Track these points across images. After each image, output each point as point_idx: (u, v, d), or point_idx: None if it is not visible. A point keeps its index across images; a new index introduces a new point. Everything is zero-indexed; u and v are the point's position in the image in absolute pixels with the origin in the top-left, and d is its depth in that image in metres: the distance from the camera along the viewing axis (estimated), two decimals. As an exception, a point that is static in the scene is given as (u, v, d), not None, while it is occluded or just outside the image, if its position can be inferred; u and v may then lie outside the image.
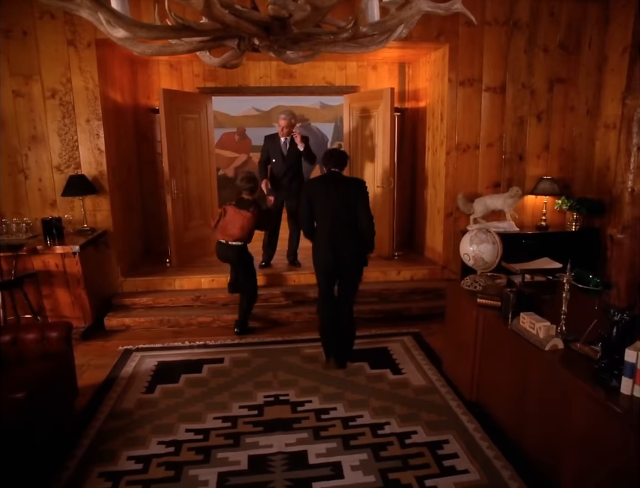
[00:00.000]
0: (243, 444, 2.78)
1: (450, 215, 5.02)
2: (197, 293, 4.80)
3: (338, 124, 8.32)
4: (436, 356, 3.83)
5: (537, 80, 4.84)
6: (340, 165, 3.66)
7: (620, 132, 4.31)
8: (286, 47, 1.73)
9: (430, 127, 5.35)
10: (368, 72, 5.88)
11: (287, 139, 5.05)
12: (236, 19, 1.42)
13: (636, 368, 1.91)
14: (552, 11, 4.71)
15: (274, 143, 5.09)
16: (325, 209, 3.55)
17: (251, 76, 5.72)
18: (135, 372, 3.66)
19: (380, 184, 5.41)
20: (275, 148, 5.07)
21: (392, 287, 4.91)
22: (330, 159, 3.66)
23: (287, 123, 4.98)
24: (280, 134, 5.04)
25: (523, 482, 2.42)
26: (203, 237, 5.74)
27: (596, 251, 4.75)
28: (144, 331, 4.45)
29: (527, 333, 2.53)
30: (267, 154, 5.12)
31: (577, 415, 2.09)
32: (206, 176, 5.72)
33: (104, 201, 4.62)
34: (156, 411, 3.12)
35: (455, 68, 4.73)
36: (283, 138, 5.05)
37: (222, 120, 8.28)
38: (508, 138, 4.92)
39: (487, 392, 3.01)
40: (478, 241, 3.22)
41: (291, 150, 5.05)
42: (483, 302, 3.01)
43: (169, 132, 5.03)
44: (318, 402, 3.20)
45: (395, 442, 2.76)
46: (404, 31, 1.95)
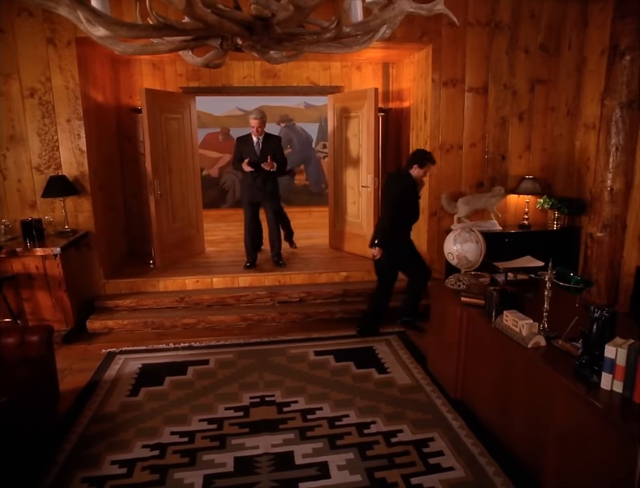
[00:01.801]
0: (229, 445, 2.76)
1: (434, 214, 5.06)
2: (182, 295, 4.76)
3: (323, 124, 8.33)
4: (422, 354, 3.86)
5: (519, 81, 4.90)
6: (408, 162, 4.05)
7: (599, 132, 4.39)
8: (269, 46, 1.73)
9: (414, 127, 5.38)
10: (352, 73, 5.90)
11: (259, 139, 5.02)
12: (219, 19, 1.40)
13: (615, 364, 1.95)
14: (533, 12, 4.78)
15: (246, 144, 5.05)
16: (413, 207, 4.07)
17: (235, 76, 5.69)
18: (119, 375, 3.61)
19: (364, 184, 5.43)
20: (248, 148, 5.01)
21: (377, 287, 4.92)
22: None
23: (260, 122, 4.94)
24: (253, 134, 5.00)
25: (507, 477, 2.45)
26: (187, 238, 5.70)
27: (577, 249, 4.84)
28: (127, 334, 4.39)
29: (511, 330, 2.56)
30: (240, 156, 5.05)
31: (559, 410, 2.12)
32: (190, 176, 5.68)
33: (86, 202, 4.55)
34: (141, 414, 3.09)
35: (439, 69, 4.77)
36: (255, 138, 5.02)
37: (205, 121, 8.22)
38: (491, 138, 4.98)
39: (471, 390, 3.04)
40: (462, 240, 3.25)
41: (264, 149, 5.01)
42: (467, 301, 3.04)
43: (151, 132, 4.97)
44: (304, 402, 3.20)
45: (381, 441, 2.77)
46: (387, 31, 1.96)
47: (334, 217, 6.05)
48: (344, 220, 5.88)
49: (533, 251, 3.82)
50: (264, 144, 5.03)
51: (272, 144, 5.08)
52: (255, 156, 4.98)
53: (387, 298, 4.28)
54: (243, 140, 5.11)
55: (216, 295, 4.75)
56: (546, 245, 4.66)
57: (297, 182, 8.69)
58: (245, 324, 4.53)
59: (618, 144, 4.21)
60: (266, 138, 5.05)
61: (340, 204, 5.93)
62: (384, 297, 4.26)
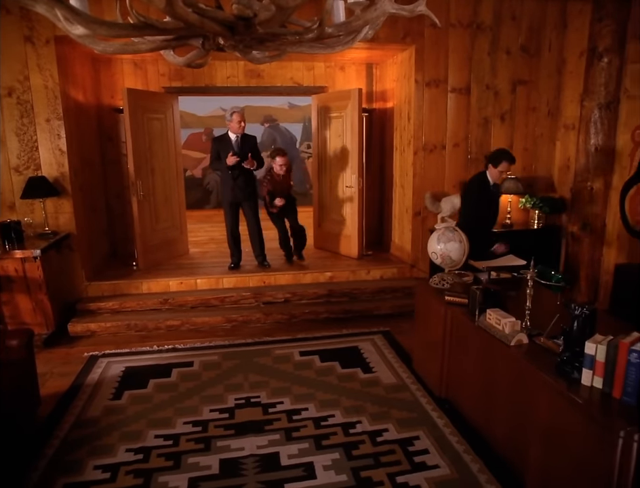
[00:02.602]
0: (214, 448, 2.74)
1: (418, 214, 5.10)
2: (165, 296, 4.71)
3: (307, 124, 8.33)
4: (407, 353, 3.88)
5: (501, 82, 4.96)
6: (485, 163, 3.94)
7: (579, 133, 4.47)
8: (251, 46, 1.72)
9: (398, 128, 5.41)
10: (336, 73, 5.91)
11: (238, 138, 4.99)
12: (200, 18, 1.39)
13: (595, 360, 1.98)
14: (514, 14, 4.84)
15: (224, 143, 5.00)
16: (486, 210, 3.99)
17: (218, 76, 5.65)
18: (102, 379, 3.56)
19: (348, 184, 5.44)
20: (226, 148, 4.95)
21: (362, 287, 4.94)
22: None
23: (243, 117, 4.93)
24: (234, 131, 4.96)
25: (491, 474, 2.48)
26: (171, 239, 5.65)
27: (558, 248, 4.91)
28: (110, 337, 4.34)
29: (494, 329, 2.59)
30: (217, 156, 5.01)
31: (541, 407, 2.15)
32: (173, 177, 5.63)
33: (67, 203, 4.48)
34: (124, 418, 3.05)
35: (422, 69, 4.80)
36: (234, 136, 4.98)
37: (188, 121, 8.16)
38: (474, 138, 5.03)
39: (456, 388, 3.06)
40: (445, 240, 3.28)
41: (243, 146, 4.98)
42: (451, 300, 3.06)
43: (134, 132, 4.92)
44: (290, 403, 3.19)
45: (367, 441, 2.78)
46: (370, 32, 1.97)
47: (319, 217, 6.05)
48: (328, 220, 5.89)
49: (516, 249, 3.87)
50: (243, 142, 5.00)
51: (250, 143, 5.06)
52: (236, 154, 4.95)
53: None
54: (220, 140, 5.07)
55: (200, 297, 4.71)
56: (528, 243, 4.72)
57: (282, 182, 8.65)
58: (229, 325, 4.51)
59: (597, 144, 4.29)
60: (244, 137, 5.03)
61: (324, 204, 5.93)
62: None
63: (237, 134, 4.98)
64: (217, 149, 5.02)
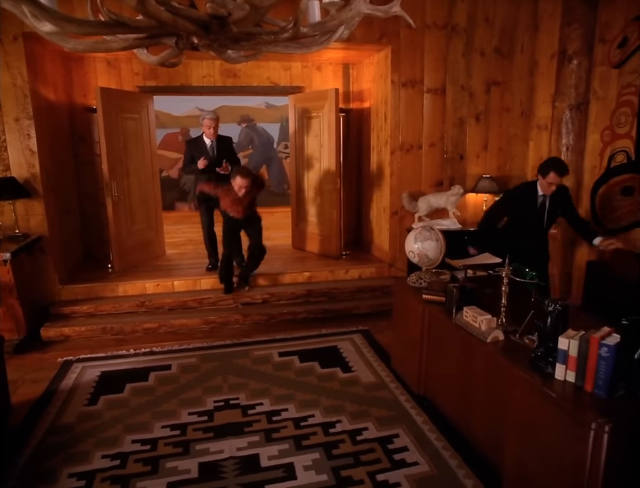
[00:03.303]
0: (193, 451, 2.71)
1: (396, 213, 5.13)
2: (142, 299, 4.64)
3: (284, 124, 8.31)
4: (385, 352, 3.90)
5: (475, 83, 5.04)
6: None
7: (551, 133, 4.58)
8: (226, 46, 1.70)
9: (375, 128, 5.44)
10: (313, 73, 5.91)
11: (212, 142, 4.95)
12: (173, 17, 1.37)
13: (568, 355, 2.03)
14: (487, 16, 4.92)
15: (198, 147, 4.95)
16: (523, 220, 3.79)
17: (194, 75, 5.59)
18: (76, 384, 3.48)
19: (326, 184, 5.44)
20: (201, 151, 4.91)
21: (340, 286, 4.95)
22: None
23: (216, 123, 4.90)
24: (208, 136, 4.92)
25: (470, 469, 2.51)
26: (147, 241, 5.57)
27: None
28: (85, 341, 4.25)
29: (470, 326, 2.62)
30: (191, 159, 4.95)
31: (517, 401, 2.19)
32: (148, 178, 5.55)
33: (38, 205, 4.37)
34: (100, 424, 2.99)
35: (398, 70, 4.84)
36: (208, 140, 4.94)
37: (164, 121, 8.05)
38: (449, 138, 5.09)
39: (434, 385, 3.10)
40: (422, 239, 3.31)
41: (219, 151, 4.94)
42: (428, 298, 3.09)
43: (107, 132, 4.82)
44: (269, 404, 3.18)
45: (347, 440, 2.79)
46: (345, 32, 1.97)
47: (297, 218, 6.04)
48: (306, 220, 5.89)
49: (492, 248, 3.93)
50: (218, 145, 4.96)
51: (226, 145, 5.03)
52: (211, 158, 4.89)
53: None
54: (194, 143, 5.01)
55: (178, 299, 4.65)
56: (503, 241, 4.80)
57: (260, 183, 8.61)
58: (207, 327, 4.46)
59: (568, 144, 4.40)
60: (219, 139, 4.99)
61: (302, 204, 5.93)
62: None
63: (211, 139, 4.94)
64: (191, 152, 4.96)
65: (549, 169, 3.49)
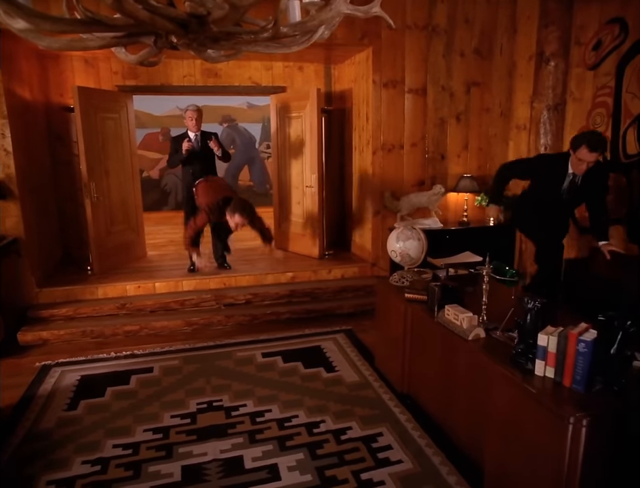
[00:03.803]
0: (176, 454, 2.68)
1: (378, 213, 5.16)
2: (122, 301, 4.57)
3: (266, 124, 8.28)
4: (369, 351, 3.91)
5: (456, 83, 5.09)
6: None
7: (530, 133, 4.65)
8: (206, 45, 1.69)
9: (357, 128, 5.46)
10: (294, 73, 5.90)
11: (197, 136, 4.93)
12: (151, 15, 1.35)
13: (547, 351, 2.06)
14: (467, 18, 4.97)
15: (183, 142, 4.90)
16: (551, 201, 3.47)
17: (174, 74, 5.54)
18: (55, 389, 3.41)
19: (308, 184, 5.44)
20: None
21: (323, 286, 4.95)
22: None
23: (198, 114, 4.86)
24: (191, 129, 4.90)
25: (453, 466, 2.53)
26: (128, 242, 5.49)
27: (512, 244, 5.09)
28: (64, 345, 4.17)
29: (452, 324, 2.65)
30: (176, 152, 4.91)
31: (498, 398, 2.22)
32: (128, 178, 5.47)
33: (14, 206, 4.27)
34: (80, 429, 2.93)
35: (379, 70, 4.86)
36: (192, 134, 4.92)
37: (144, 120, 7.95)
38: (430, 138, 5.13)
39: (417, 383, 3.12)
40: (404, 238, 3.33)
41: (203, 146, 4.92)
42: (411, 297, 3.11)
43: (86, 132, 4.74)
44: (253, 405, 3.16)
45: (331, 440, 2.79)
46: (326, 32, 1.97)
47: (279, 218, 6.03)
48: (289, 220, 5.88)
49: (472, 246, 3.99)
50: (203, 140, 4.94)
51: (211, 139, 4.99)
52: (194, 153, 4.87)
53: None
54: (179, 139, 4.97)
55: (159, 300, 4.60)
56: (484, 240, 4.87)
57: (242, 183, 8.59)
58: (190, 329, 4.42)
59: (547, 144, 4.48)
60: (204, 135, 4.96)
61: (284, 204, 5.92)
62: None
63: (195, 133, 4.91)
64: (176, 147, 4.93)
65: (581, 143, 3.02)
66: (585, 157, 3.03)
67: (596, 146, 2.97)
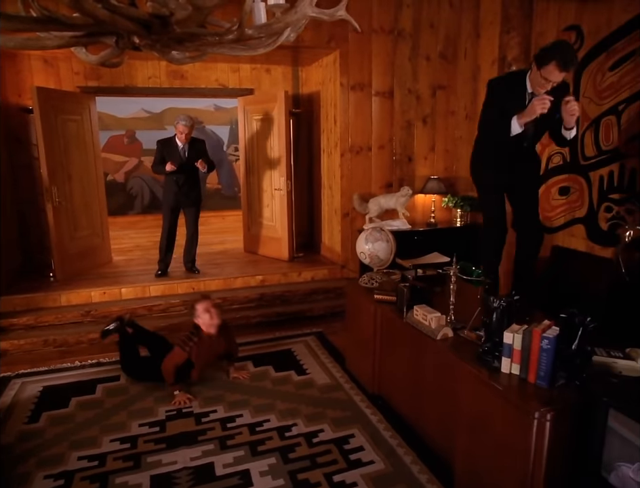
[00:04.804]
0: (144, 464, 2.61)
1: (347, 215, 5.18)
2: (87, 308, 4.44)
3: (234, 127, 8.20)
4: (340, 353, 3.92)
5: (422, 87, 5.17)
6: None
7: (493, 135, 4.75)
8: (170, 46, 1.66)
9: (325, 130, 5.47)
10: (262, 75, 5.88)
11: (185, 146, 4.87)
12: (111, 15, 1.32)
13: (512, 348, 2.11)
14: (432, 22, 5.06)
15: (170, 149, 4.85)
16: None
17: (139, 76, 5.43)
18: (15, 401, 3.28)
19: (277, 187, 5.43)
20: (173, 154, 4.83)
21: (293, 289, 4.94)
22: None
23: (189, 130, 4.82)
24: (179, 140, 4.84)
25: (424, 465, 2.56)
26: (92, 247, 5.35)
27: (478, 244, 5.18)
28: (24, 355, 4.01)
29: (421, 324, 2.68)
30: (162, 159, 4.86)
31: (466, 395, 2.26)
32: (92, 182, 5.33)
33: (-31, 212, 4.10)
34: (43, 442, 2.83)
35: (346, 73, 4.89)
36: (181, 144, 4.86)
37: (108, 122, 7.75)
38: (398, 140, 5.19)
39: (388, 384, 3.14)
40: (373, 240, 3.36)
41: (190, 153, 4.88)
42: (380, 298, 3.14)
43: (46, 135, 4.59)
44: (224, 411, 3.12)
45: (303, 443, 2.78)
46: (292, 35, 1.97)
47: (248, 221, 5.99)
48: (258, 223, 5.84)
49: (440, 247, 4.05)
50: (190, 148, 4.88)
51: (198, 148, 4.97)
52: (181, 160, 4.82)
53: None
54: (166, 143, 4.90)
55: (126, 307, 4.49)
56: (451, 241, 4.95)
57: (210, 186, 8.48)
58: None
59: (509, 146, 4.57)
60: (192, 143, 4.92)
61: (253, 207, 5.88)
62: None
63: (184, 143, 4.87)
64: (162, 152, 4.86)
65: (550, 59, 2.50)
66: (553, 77, 2.54)
67: (568, 65, 2.50)
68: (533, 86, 2.73)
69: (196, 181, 5.02)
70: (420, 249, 4.21)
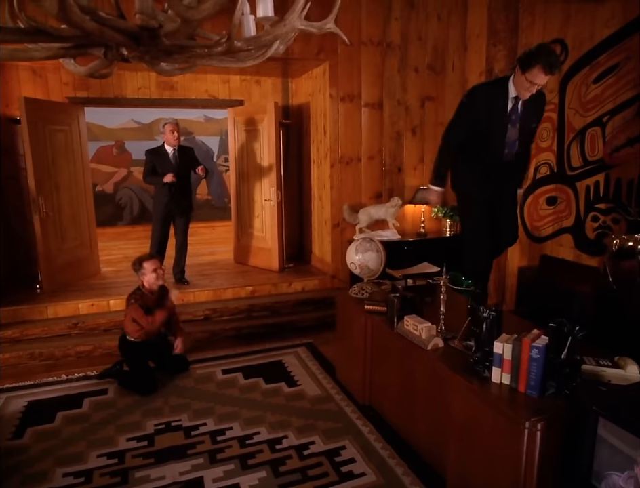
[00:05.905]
0: (132, 480, 2.57)
1: (337, 225, 5.19)
2: (74, 320, 4.38)
3: (224, 137, 8.21)
4: (330, 364, 3.90)
5: (411, 98, 5.22)
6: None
7: (481, 146, 4.80)
8: (159, 58, 1.66)
9: (315, 141, 5.50)
10: (252, 86, 5.90)
11: (175, 150, 4.86)
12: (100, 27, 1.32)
13: (503, 358, 2.11)
14: (420, 35, 5.12)
15: (161, 157, 4.84)
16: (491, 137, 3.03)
17: (129, 86, 5.43)
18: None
19: (267, 197, 5.42)
20: (163, 162, 4.81)
21: (283, 300, 4.92)
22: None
23: (178, 129, 4.83)
24: (169, 144, 4.83)
25: (415, 476, 2.54)
26: (80, 259, 5.29)
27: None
28: (9, 369, 3.93)
29: (411, 334, 2.68)
30: (152, 169, 4.84)
31: (457, 405, 2.26)
32: (81, 193, 5.29)
33: (-46, 223, 4.04)
34: (27, 458, 2.77)
35: (336, 84, 4.93)
36: (170, 149, 4.84)
37: (97, 133, 7.72)
38: (387, 151, 5.23)
39: (379, 394, 3.13)
40: (363, 250, 3.36)
41: (181, 161, 4.87)
42: (370, 308, 3.13)
43: (34, 145, 4.56)
44: (213, 423, 3.08)
45: (294, 455, 2.75)
46: (281, 47, 1.98)
47: (238, 231, 5.97)
48: (248, 234, 5.83)
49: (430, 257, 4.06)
50: (180, 155, 4.87)
51: (188, 155, 4.96)
52: (172, 168, 4.79)
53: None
54: (155, 153, 4.88)
55: (114, 319, 4.43)
56: (441, 251, 4.97)
57: (200, 197, 8.45)
58: (147, 347, 4.27)
59: (497, 156, 4.63)
60: (181, 150, 4.91)
61: (243, 218, 5.87)
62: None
63: (173, 147, 4.84)
64: (152, 162, 4.83)
65: (535, 63, 2.55)
66: (538, 80, 2.59)
67: (553, 68, 2.56)
68: (518, 90, 2.78)
69: (188, 189, 5.01)
70: (410, 259, 4.22)
